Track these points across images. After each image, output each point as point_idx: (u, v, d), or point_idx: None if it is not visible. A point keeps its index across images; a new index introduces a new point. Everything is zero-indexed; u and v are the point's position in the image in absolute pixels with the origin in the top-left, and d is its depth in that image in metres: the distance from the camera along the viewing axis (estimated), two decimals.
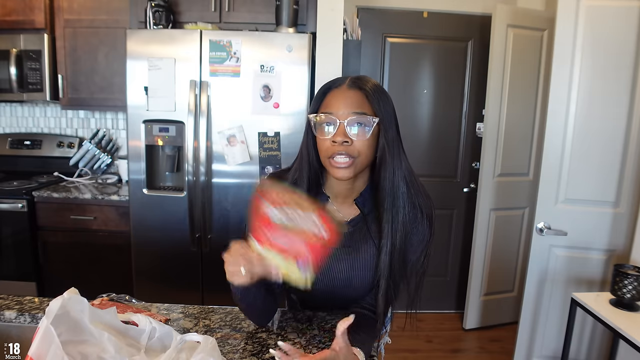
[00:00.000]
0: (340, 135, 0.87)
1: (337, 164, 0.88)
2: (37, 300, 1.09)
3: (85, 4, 2.49)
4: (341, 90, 0.90)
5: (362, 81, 0.91)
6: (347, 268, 1.00)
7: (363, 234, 1.00)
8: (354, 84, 0.90)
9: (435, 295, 3.10)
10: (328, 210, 1.01)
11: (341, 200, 1.01)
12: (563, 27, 1.93)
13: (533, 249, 2.12)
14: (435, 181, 2.98)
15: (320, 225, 0.79)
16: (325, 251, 0.80)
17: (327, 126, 0.89)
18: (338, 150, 0.87)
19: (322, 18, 2.17)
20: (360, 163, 0.90)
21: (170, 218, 2.22)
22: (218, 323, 1.04)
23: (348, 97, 0.88)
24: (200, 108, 2.11)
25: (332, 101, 0.90)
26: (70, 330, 0.69)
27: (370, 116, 0.88)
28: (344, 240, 1.00)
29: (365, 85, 0.89)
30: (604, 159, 1.99)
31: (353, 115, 0.87)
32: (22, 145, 2.88)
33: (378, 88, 0.91)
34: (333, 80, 0.93)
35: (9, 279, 2.46)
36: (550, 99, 1.99)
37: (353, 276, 1.00)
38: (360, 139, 0.88)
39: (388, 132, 0.90)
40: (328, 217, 0.80)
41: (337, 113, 0.88)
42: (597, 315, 1.63)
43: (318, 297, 1.05)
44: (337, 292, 1.03)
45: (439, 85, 2.90)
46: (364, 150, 0.89)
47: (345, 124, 0.87)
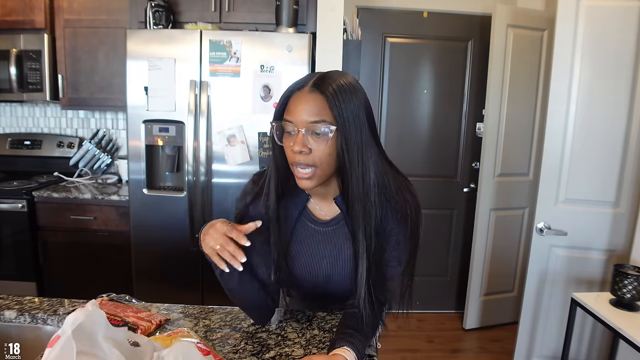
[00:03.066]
0: (298, 145, 0.84)
1: (299, 174, 0.87)
2: (37, 300, 1.09)
3: (85, 4, 2.49)
4: (302, 93, 0.86)
5: (325, 83, 0.85)
6: (328, 265, 1.01)
7: (344, 233, 1.00)
8: (315, 87, 0.85)
9: (435, 295, 3.10)
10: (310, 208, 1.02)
11: (321, 198, 1.01)
12: (563, 27, 1.93)
13: (533, 249, 2.12)
14: (435, 181, 2.98)
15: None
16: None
17: (289, 133, 0.87)
18: (298, 159, 0.85)
19: (322, 18, 2.17)
20: (323, 172, 0.88)
21: (170, 218, 2.22)
22: (218, 323, 1.04)
23: (307, 103, 0.84)
24: (200, 108, 2.11)
25: (292, 107, 0.86)
26: (85, 341, 0.69)
27: (328, 124, 0.83)
28: (325, 239, 1.01)
29: (327, 88, 0.84)
30: (604, 159, 1.99)
31: (311, 124, 0.83)
32: (22, 145, 2.88)
33: (341, 89, 0.84)
34: (298, 81, 0.89)
35: (9, 279, 2.46)
36: (550, 99, 1.99)
37: (334, 273, 1.02)
38: (319, 147, 0.85)
39: (349, 138, 0.84)
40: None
41: (296, 120, 0.84)
42: (597, 315, 1.63)
43: (303, 291, 1.11)
44: (320, 288, 1.05)
45: (439, 85, 2.90)
46: (325, 159, 0.86)
47: (304, 132, 0.84)
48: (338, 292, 1.05)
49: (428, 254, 3.04)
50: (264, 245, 0.98)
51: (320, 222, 1.01)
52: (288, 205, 1.01)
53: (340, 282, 1.02)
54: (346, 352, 0.84)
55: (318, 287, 1.05)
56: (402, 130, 2.91)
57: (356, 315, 0.95)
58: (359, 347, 0.88)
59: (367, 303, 0.92)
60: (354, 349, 0.86)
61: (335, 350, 0.85)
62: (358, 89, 0.88)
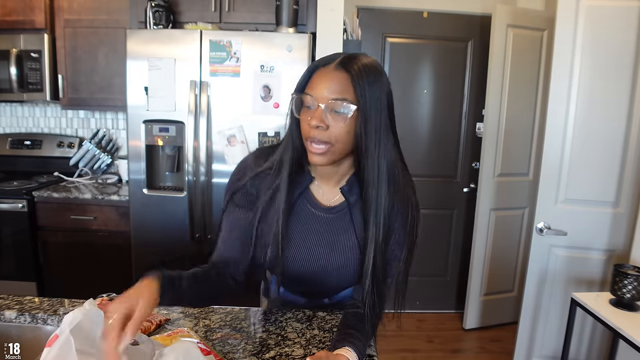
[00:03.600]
0: (316, 119, 0.82)
1: (313, 148, 0.85)
2: (37, 300, 1.09)
3: (85, 4, 2.49)
4: (327, 70, 0.84)
5: (352, 62, 0.84)
6: (324, 254, 0.98)
7: (345, 222, 0.97)
8: (341, 65, 0.84)
9: (435, 295, 3.10)
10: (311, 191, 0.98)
11: (325, 181, 0.97)
12: (563, 27, 1.93)
13: (533, 249, 2.12)
14: (435, 181, 2.98)
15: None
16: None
17: (307, 108, 0.85)
18: (313, 134, 0.83)
19: (322, 18, 2.17)
20: (338, 150, 0.86)
21: (170, 218, 2.22)
22: (218, 323, 1.04)
23: (331, 80, 0.83)
24: (200, 108, 2.11)
25: (316, 81, 0.85)
26: (83, 340, 0.68)
27: (349, 102, 0.82)
28: (324, 227, 0.98)
29: (352, 67, 0.83)
30: (603, 159, 1.99)
31: (331, 101, 0.82)
32: (22, 145, 2.88)
33: (367, 70, 0.84)
34: (324, 58, 0.88)
35: (9, 279, 2.46)
36: (550, 99, 1.99)
37: (329, 264, 0.98)
38: (337, 125, 0.83)
39: (368, 120, 0.83)
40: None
41: (317, 95, 0.83)
42: (597, 315, 1.63)
43: (294, 280, 1.04)
44: (313, 277, 1.01)
45: (439, 85, 2.90)
46: (341, 137, 0.84)
47: (323, 108, 0.82)
48: (330, 284, 1.03)
49: (428, 254, 3.04)
50: (247, 226, 0.96)
51: (321, 207, 0.98)
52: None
53: (334, 273, 0.99)
54: (348, 353, 0.84)
55: (309, 275, 1.01)
56: (402, 130, 2.85)
57: (357, 315, 0.95)
58: (360, 347, 0.87)
59: (370, 296, 0.91)
60: (355, 349, 0.86)
61: (337, 351, 0.85)
62: (383, 74, 0.87)
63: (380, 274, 0.92)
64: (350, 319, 0.95)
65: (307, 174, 0.97)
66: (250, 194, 0.96)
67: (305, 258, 0.99)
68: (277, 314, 1.09)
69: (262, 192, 0.95)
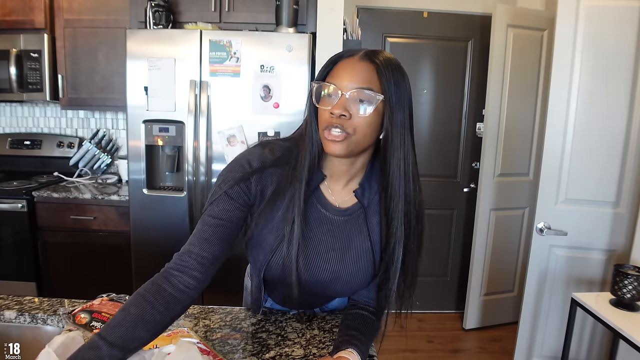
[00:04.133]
0: (338, 107, 0.79)
1: (330, 136, 0.80)
2: (37, 300, 1.09)
3: (85, 4, 2.49)
4: (351, 60, 0.82)
5: (377, 54, 0.82)
6: (336, 259, 0.91)
7: (358, 225, 0.92)
8: (366, 56, 0.81)
9: (436, 295, 3.10)
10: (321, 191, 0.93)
11: (335, 180, 0.92)
12: (563, 27, 1.93)
13: (533, 249, 2.12)
14: (435, 181, 2.98)
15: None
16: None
17: (329, 97, 0.81)
18: (334, 122, 0.80)
19: (322, 18, 2.17)
20: (356, 142, 0.82)
21: (170, 218, 2.22)
22: (218, 323, 1.04)
23: (356, 69, 0.80)
24: (200, 108, 2.11)
25: (339, 71, 0.82)
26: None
27: (375, 92, 0.79)
28: (335, 230, 0.92)
29: (378, 59, 0.81)
30: (604, 159, 1.99)
31: (357, 90, 0.79)
32: (22, 145, 2.88)
33: (393, 64, 0.81)
34: (347, 50, 0.85)
35: (9, 279, 2.45)
36: (550, 98, 1.99)
37: (342, 269, 0.92)
38: (360, 114, 0.79)
39: (394, 113, 0.80)
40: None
41: (340, 84, 0.80)
42: (597, 315, 1.63)
43: (296, 289, 0.92)
44: (322, 285, 0.94)
45: (439, 85, 2.90)
46: (363, 128, 0.81)
47: (347, 97, 0.79)
48: (342, 289, 0.96)
49: (428, 254, 2.99)
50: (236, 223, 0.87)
51: (333, 209, 0.92)
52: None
53: (346, 279, 0.92)
54: (351, 355, 0.84)
55: (317, 282, 0.93)
56: None
57: (358, 316, 0.95)
58: (362, 349, 0.87)
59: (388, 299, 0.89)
60: (358, 351, 0.85)
61: (340, 353, 0.84)
62: (405, 72, 0.84)
63: (406, 276, 0.90)
64: (352, 320, 0.94)
65: (319, 172, 0.91)
66: (250, 190, 0.87)
67: (317, 267, 0.92)
68: (277, 314, 1.09)
69: (268, 188, 0.88)
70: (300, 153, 0.88)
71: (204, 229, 0.86)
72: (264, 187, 0.88)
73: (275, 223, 0.89)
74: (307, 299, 1.03)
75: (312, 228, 0.91)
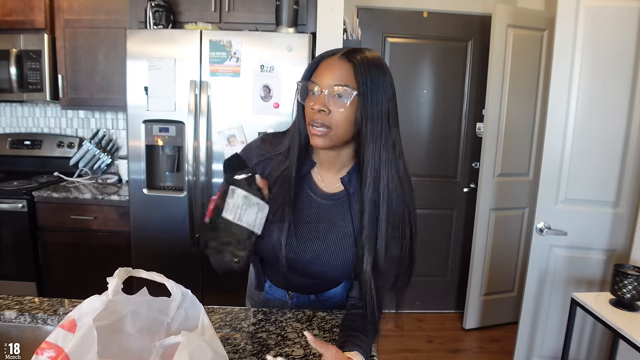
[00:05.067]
0: (318, 104, 0.87)
1: (313, 130, 0.89)
2: (37, 300, 1.09)
3: (85, 4, 2.49)
4: (332, 60, 0.90)
5: (355, 53, 0.89)
6: (319, 240, 0.98)
7: (343, 211, 0.99)
8: (344, 55, 0.89)
9: (435, 295, 3.10)
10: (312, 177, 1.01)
11: (326, 168, 1.00)
12: (563, 27, 1.93)
13: (533, 249, 2.12)
14: (435, 181, 2.98)
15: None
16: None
17: (312, 95, 0.90)
18: (316, 117, 0.88)
19: (322, 18, 2.17)
20: (336, 135, 0.89)
21: (170, 218, 2.22)
22: (218, 323, 1.04)
23: (335, 68, 0.88)
24: (200, 108, 2.11)
25: (321, 70, 0.90)
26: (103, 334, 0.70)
27: (350, 89, 0.86)
28: (321, 213, 0.99)
29: (355, 58, 0.88)
30: (604, 159, 1.99)
31: (335, 86, 0.87)
32: (22, 145, 2.88)
33: (369, 61, 0.88)
34: (329, 50, 0.94)
35: (9, 279, 2.46)
36: (550, 98, 1.99)
37: (322, 249, 0.98)
38: (337, 109, 0.87)
39: (369, 107, 0.86)
40: None
41: (320, 82, 0.88)
42: (597, 315, 1.63)
43: (285, 267, 0.99)
44: (305, 264, 1.00)
45: (439, 85, 2.90)
46: (341, 122, 0.88)
47: (326, 93, 0.87)
48: (323, 270, 1.00)
49: (428, 254, 3.04)
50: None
51: (321, 193, 1.00)
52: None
53: (328, 260, 0.98)
54: (356, 357, 0.84)
55: (303, 261, 0.99)
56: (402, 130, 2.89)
57: (359, 316, 0.95)
58: (366, 350, 0.88)
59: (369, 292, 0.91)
60: (363, 353, 0.86)
61: (346, 354, 0.84)
62: (384, 66, 0.91)
63: (378, 268, 0.92)
64: (354, 321, 0.94)
65: (309, 160, 1.01)
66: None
67: (300, 246, 0.99)
68: (277, 314, 1.09)
69: (266, 173, 0.98)
70: (291, 144, 0.98)
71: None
72: (262, 173, 0.98)
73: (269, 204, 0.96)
74: (298, 280, 1.08)
75: (300, 209, 1.00)
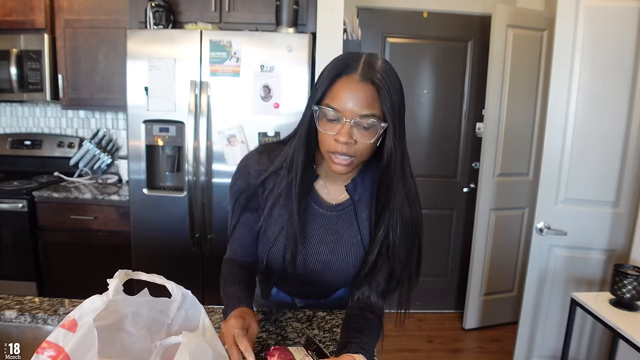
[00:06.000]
0: (344, 136, 0.82)
1: (337, 160, 0.85)
2: (37, 300, 1.09)
3: (85, 4, 2.49)
4: (352, 81, 0.82)
5: (374, 71, 0.82)
6: (327, 251, 0.99)
7: (349, 219, 0.98)
8: (366, 76, 0.82)
9: (435, 295, 3.10)
10: (316, 188, 0.99)
11: (331, 180, 0.99)
12: (563, 27, 1.93)
13: (533, 249, 2.12)
14: (435, 181, 2.98)
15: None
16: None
17: (332, 122, 0.84)
18: (340, 149, 0.83)
19: (322, 18, 2.17)
20: (359, 161, 0.88)
21: (170, 218, 2.22)
22: (218, 323, 1.04)
23: (359, 93, 0.81)
24: (200, 108, 2.11)
25: (341, 94, 0.82)
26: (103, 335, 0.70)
27: (379, 119, 0.82)
28: (328, 224, 0.99)
29: (377, 78, 0.81)
30: (603, 158, 1.99)
31: (361, 117, 0.81)
32: (22, 145, 2.88)
33: (389, 77, 0.83)
34: (344, 63, 0.84)
35: (9, 279, 2.46)
36: (550, 98, 1.99)
37: (332, 260, 0.99)
38: (364, 141, 0.83)
39: (396, 131, 0.85)
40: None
41: (344, 110, 0.81)
42: (597, 315, 1.63)
43: (295, 278, 1.03)
44: (314, 275, 1.01)
45: (439, 85, 2.90)
46: (365, 152, 0.86)
47: (351, 124, 0.81)
48: (329, 282, 1.04)
49: (428, 254, 3.02)
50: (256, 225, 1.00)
51: (326, 205, 0.99)
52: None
53: (336, 270, 1.00)
54: (360, 358, 0.81)
55: (311, 273, 1.01)
56: None
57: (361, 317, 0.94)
58: (370, 353, 0.86)
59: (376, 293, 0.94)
60: (367, 356, 0.83)
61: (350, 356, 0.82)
62: (399, 79, 0.86)
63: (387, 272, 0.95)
64: (357, 322, 0.93)
65: (312, 172, 0.98)
66: (256, 194, 0.98)
67: (309, 258, 0.99)
68: (277, 314, 1.09)
69: (268, 189, 0.98)
70: (294, 159, 0.93)
71: (236, 233, 1.02)
72: (265, 189, 0.98)
73: (273, 219, 0.98)
74: (307, 288, 1.10)
75: (306, 223, 0.99)
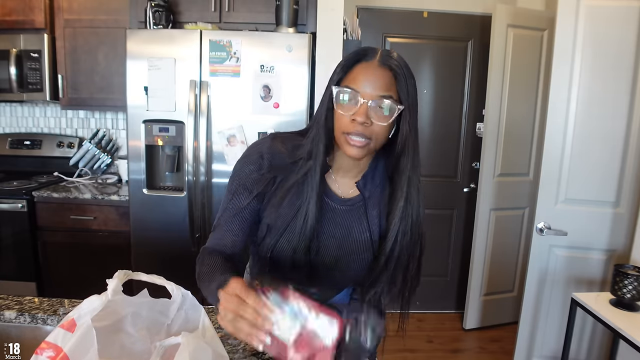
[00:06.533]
0: (361, 115, 0.83)
1: (352, 141, 0.85)
2: (37, 300, 1.09)
3: (85, 4, 2.49)
4: (371, 66, 0.86)
5: (393, 60, 0.86)
6: (336, 246, 0.97)
7: (359, 215, 0.97)
8: (384, 62, 0.86)
9: (435, 295, 3.10)
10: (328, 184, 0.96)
11: (342, 174, 0.98)
12: (563, 27, 1.93)
13: (533, 249, 2.12)
14: (435, 181, 2.98)
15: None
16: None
17: (349, 102, 0.85)
18: (356, 129, 0.84)
19: (322, 18, 2.17)
20: (374, 145, 0.88)
21: (170, 218, 2.22)
22: (218, 323, 1.04)
23: (377, 76, 0.85)
24: (200, 108, 2.11)
25: (360, 77, 0.85)
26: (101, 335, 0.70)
27: (396, 102, 0.85)
28: (337, 218, 0.97)
29: (395, 65, 0.85)
30: (604, 158, 1.99)
31: (379, 98, 0.84)
32: (22, 145, 2.88)
33: (407, 69, 0.87)
34: (363, 51, 0.88)
35: (9, 279, 2.46)
36: (550, 98, 1.99)
37: (340, 255, 0.97)
38: (380, 122, 0.85)
39: (412, 117, 0.87)
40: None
41: (363, 92, 0.84)
42: (597, 316, 1.63)
43: (302, 274, 0.98)
44: (323, 270, 0.99)
45: (439, 85, 2.90)
46: (381, 134, 0.87)
47: (369, 104, 0.84)
48: (340, 275, 1.00)
49: (428, 254, 3.01)
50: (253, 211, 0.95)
51: (336, 198, 0.97)
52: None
53: (345, 266, 0.98)
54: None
55: (321, 267, 0.99)
56: None
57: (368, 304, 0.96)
58: (349, 314, 0.77)
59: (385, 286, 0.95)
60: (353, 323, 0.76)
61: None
62: (411, 70, 0.89)
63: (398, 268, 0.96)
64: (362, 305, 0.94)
65: (325, 164, 0.95)
66: (265, 179, 0.94)
67: (318, 253, 0.97)
68: None
69: (278, 177, 0.94)
70: (313, 147, 0.92)
71: (230, 219, 0.95)
72: (275, 176, 0.94)
73: (283, 209, 0.94)
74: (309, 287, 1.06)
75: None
